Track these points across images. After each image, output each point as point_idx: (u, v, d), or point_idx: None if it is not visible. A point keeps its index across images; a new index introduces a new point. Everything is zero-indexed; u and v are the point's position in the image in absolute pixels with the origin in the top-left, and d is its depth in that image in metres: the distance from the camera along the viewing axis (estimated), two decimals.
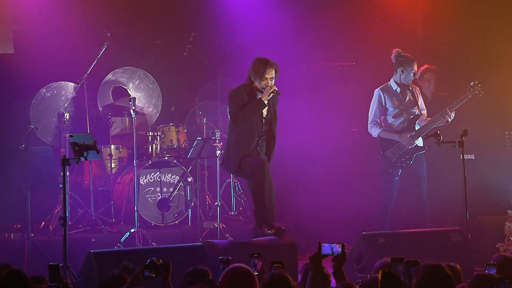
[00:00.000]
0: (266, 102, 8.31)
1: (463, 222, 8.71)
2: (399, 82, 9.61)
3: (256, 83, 8.35)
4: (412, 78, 9.60)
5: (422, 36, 11.78)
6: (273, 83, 8.35)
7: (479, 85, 9.63)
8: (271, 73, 8.32)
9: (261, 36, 11.18)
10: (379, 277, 4.71)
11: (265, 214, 8.20)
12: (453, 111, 9.48)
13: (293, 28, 11.62)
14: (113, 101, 11.09)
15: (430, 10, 11.60)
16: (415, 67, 9.57)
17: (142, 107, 11.22)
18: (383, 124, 9.63)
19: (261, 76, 8.30)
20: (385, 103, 9.59)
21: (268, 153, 8.54)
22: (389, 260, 5.72)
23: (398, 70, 9.57)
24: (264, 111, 8.41)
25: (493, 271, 5.73)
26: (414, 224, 9.40)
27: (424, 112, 9.68)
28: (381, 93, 9.62)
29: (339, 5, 11.69)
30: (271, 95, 8.31)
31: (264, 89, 8.30)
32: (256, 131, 8.38)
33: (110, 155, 10.49)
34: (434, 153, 9.69)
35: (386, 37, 11.39)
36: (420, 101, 9.72)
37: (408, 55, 9.58)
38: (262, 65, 8.33)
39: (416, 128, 9.56)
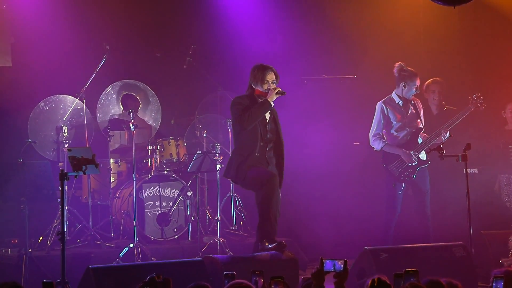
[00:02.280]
0: (272, 103, 8.27)
1: (466, 237, 8.63)
2: (401, 96, 9.54)
3: (259, 89, 8.31)
4: (414, 93, 9.55)
5: (424, 49, 11.73)
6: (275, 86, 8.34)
7: (481, 98, 9.63)
8: (271, 76, 8.32)
9: (261, 49, 11.13)
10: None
11: (269, 229, 8.11)
12: (447, 131, 9.43)
13: (294, 41, 11.60)
14: (123, 109, 11.03)
15: (432, 23, 11.56)
16: (418, 82, 9.52)
17: (144, 117, 11.19)
18: (385, 137, 9.56)
19: (262, 80, 8.30)
20: (388, 116, 9.52)
21: (279, 165, 8.45)
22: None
23: (401, 84, 9.51)
24: (267, 116, 8.36)
25: (500, 285, 5.58)
26: (417, 239, 9.31)
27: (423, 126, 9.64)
28: (383, 106, 9.57)
29: (341, 18, 11.65)
30: (274, 96, 8.25)
31: (268, 91, 8.28)
32: (259, 136, 8.30)
33: (109, 169, 10.42)
34: (437, 167, 9.63)
35: (388, 50, 11.34)
36: (421, 114, 9.67)
37: (410, 69, 9.52)
38: (261, 70, 8.34)
39: (419, 142, 9.50)
